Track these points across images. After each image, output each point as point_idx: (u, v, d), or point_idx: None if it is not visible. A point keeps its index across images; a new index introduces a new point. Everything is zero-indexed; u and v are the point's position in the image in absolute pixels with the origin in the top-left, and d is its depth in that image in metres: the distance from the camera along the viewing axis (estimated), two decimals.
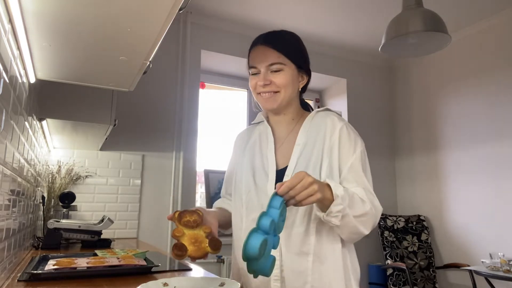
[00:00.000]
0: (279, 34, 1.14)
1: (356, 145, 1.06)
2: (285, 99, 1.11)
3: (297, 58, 1.11)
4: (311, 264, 1.00)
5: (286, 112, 1.16)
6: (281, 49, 1.09)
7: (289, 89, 1.10)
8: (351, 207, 0.93)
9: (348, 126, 1.10)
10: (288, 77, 1.09)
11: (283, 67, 1.08)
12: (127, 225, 2.64)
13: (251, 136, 1.24)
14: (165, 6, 0.80)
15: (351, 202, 0.94)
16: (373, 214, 0.99)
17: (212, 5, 2.93)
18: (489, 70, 3.09)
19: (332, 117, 1.11)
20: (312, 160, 1.06)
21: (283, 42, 1.11)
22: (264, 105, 1.14)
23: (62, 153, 2.52)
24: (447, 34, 1.93)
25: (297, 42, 1.16)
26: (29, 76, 1.23)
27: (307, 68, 1.15)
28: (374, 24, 3.16)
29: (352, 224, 0.95)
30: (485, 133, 3.07)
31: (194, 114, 3.02)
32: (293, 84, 1.11)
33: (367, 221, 0.97)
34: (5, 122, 0.90)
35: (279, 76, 1.08)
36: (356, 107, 3.71)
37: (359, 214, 0.95)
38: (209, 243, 0.82)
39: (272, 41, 1.10)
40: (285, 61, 1.09)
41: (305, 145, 1.09)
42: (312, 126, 1.12)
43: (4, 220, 1.02)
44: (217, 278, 0.98)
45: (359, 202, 0.96)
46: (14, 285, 1.05)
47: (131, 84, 1.35)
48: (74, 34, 0.95)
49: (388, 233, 3.31)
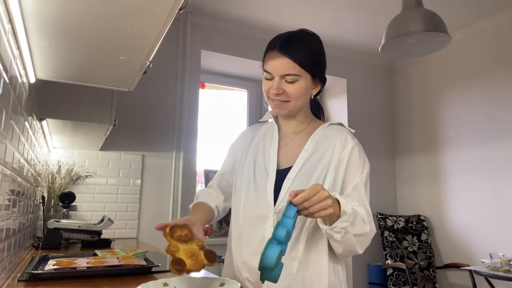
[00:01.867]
0: (297, 40, 1.08)
1: (364, 166, 1.08)
2: (295, 108, 1.11)
3: (313, 68, 1.08)
4: (296, 270, 1.01)
5: (296, 116, 1.17)
6: (298, 60, 1.04)
7: (301, 99, 1.10)
8: (353, 225, 0.94)
9: (359, 147, 1.11)
10: (302, 88, 1.07)
11: (298, 78, 1.05)
12: (127, 225, 2.64)
13: (257, 134, 1.24)
14: (165, 6, 0.80)
15: (354, 220, 0.94)
16: (371, 236, 1.00)
17: (212, 5, 2.93)
18: (489, 70, 3.09)
19: (345, 134, 1.12)
20: (318, 170, 1.06)
21: (300, 52, 1.06)
22: (274, 110, 1.15)
23: (62, 153, 2.52)
24: (447, 34, 1.93)
25: (316, 49, 1.12)
26: (29, 76, 1.23)
27: (322, 76, 1.14)
28: (374, 24, 3.16)
29: (351, 242, 0.95)
30: (485, 133, 3.07)
31: (194, 114, 3.02)
32: (306, 93, 1.10)
33: (364, 241, 0.99)
34: (5, 122, 0.90)
35: (293, 87, 1.06)
36: (356, 107, 3.71)
37: (359, 233, 0.96)
38: (205, 256, 0.84)
39: (289, 50, 1.05)
40: (301, 72, 1.05)
41: (313, 152, 1.10)
42: (323, 137, 1.12)
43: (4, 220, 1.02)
44: (217, 278, 0.98)
45: (361, 222, 0.97)
46: (14, 285, 1.05)
47: (131, 84, 1.35)
48: (74, 34, 0.95)
49: (388, 233, 3.31)
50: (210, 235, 3.03)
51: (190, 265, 0.81)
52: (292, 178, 1.06)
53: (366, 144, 1.14)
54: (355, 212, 0.95)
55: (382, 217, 3.39)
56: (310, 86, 1.10)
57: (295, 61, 1.04)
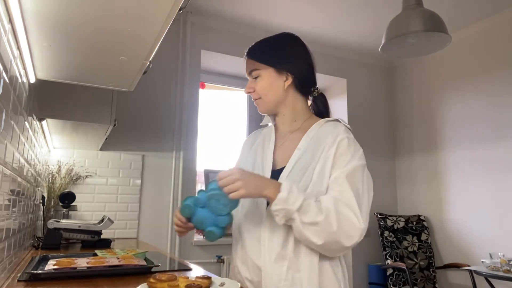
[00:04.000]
0: (260, 41, 1.17)
1: (352, 158, 1.03)
2: (270, 103, 1.14)
3: (273, 60, 1.12)
4: (286, 269, 1.00)
5: (283, 113, 1.16)
6: (255, 56, 1.13)
7: (269, 92, 1.12)
8: (303, 212, 0.93)
9: (350, 140, 1.06)
10: (264, 82, 1.12)
11: (259, 72, 1.12)
12: (127, 225, 2.64)
13: (258, 137, 1.26)
14: (165, 6, 0.80)
15: (303, 207, 0.93)
16: (328, 226, 0.93)
17: (212, 5, 2.93)
18: (489, 70, 3.09)
19: (338, 128, 1.08)
20: (309, 165, 1.05)
21: (258, 49, 1.15)
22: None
23: (62, 153, 2.52)
24: (447, 34, 1.93)
25: (275, 42, 1.16)
26: (29, 76, 1.23)
27: (288, 67, 1.12)
28: (374, 24, 3.16)
29: (299, 229, 0.94)
30: (485, 133, 3.07)
31: (194, 114, 3.02)
32: (274, 86, 1.12)
33: (318, 232, 0.93)
34: (5, 122, 0.90)
35: (258, 83, 1.13)
36: (356, 107, 3.71)
37: (308, 221, 0.93)
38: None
39: (250, 51, 1.15)
40: (260, 66, 1.12)
41: (305, 150, 1.08)
42: (318, 134, 1.10)
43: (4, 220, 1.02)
44: (217, 278, 0.98)
45: (314, 211, 0.93)
46: (14, 285, 1.05)
47: (131, 84, 1.35)
48: (74, 34, 0.95)
49: (388, 233, 3.31)
50: None
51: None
52: (285, 177, 1.06)
53: (366, 144, 1.12)
54: (308, 200, 0.94)
55: (382, 217, 3.39)
56: (276, 79, 1.12)
57: (253, 58, 1.13)
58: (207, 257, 2.89)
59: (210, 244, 2.92)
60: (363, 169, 1.04)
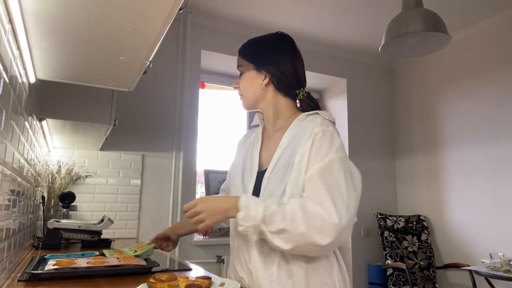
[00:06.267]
0: (250, 40, 1.19)
1: (327, 153, 0.97)
2: (249, 100, 1.15)
3: (254, 57, 1.13)
4: (276, 270, 0.99)
5: (265, 111, 1.16)
6: (242, 53, 1.16)
7: (248, 89, 1.14)
8: (268, 223, 0.91)
9: (327, 133, 1.00)
10: (246, 79, 1.14)
11: (242, 69, 1.15)
12: (127, 225, 2.64)
13: (249, 138, 1.25)
14: (165, 6, 0.80)
15: (267, 218, 0.91)
16: (295, 229, 0.90)
17: (212, 5, 2.93)
18: (489, 70, 3.09)
19: (316, 121, 1.04)
20: (289, 163, 1.02)
21: (246, 47, 1.17)
22: None
23: (62, 153, 2.52)
24: (447, 34, 1.93)
25: (263, 43, 1.16)
26: (29, 76, 1.23)
27: (267, 67, 1.11)
28: (374, 24, 3.16)
29: (270, 240, 0.93)
30: (485, 133, 3.07)
31: (194, 114, 3.02)
32: (252, 84, 1.13)
33: (287, 238, 0.91)
34: (5, 122, 0.90)
35: (241, 80, 1.16)
36: (356, 107, 3.71)
37: (275, 230, 0.91)
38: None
39: (240, 47, 1.18)
40: (243, 62, 1.15)
41: (286, 148, 1.05)
42: (299, 129, 1.07)
43: (4, 220, 1.02)
44: (217, 278, 0.98)
45: (278, 218, 0.91)
46: (14, 285, 1.05)
47: (131, 84, 1.35)
48: (74, 34, 0.95)
49: (388, 233, 3.31)
50: (209, 235, 3.03)
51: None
52: (267, 178, 1.04)
53: (366, 144, 1.11)
54: (269, 211, 0.91)
55: (382, 217, 3.39)
56: (255, 77, 1.13)
57: (240, 54, 1.17)
58: (207, 257, 2.89)
59: (210, 244, 2.92)
60: (341, 162, 0.98)
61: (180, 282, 0.90)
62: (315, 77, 3.61)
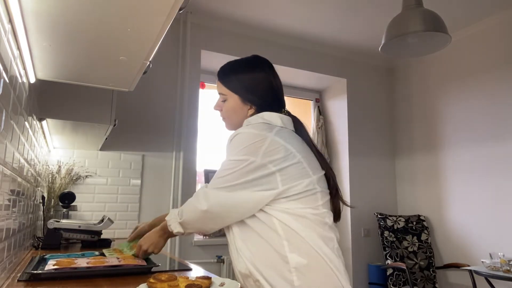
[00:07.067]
0: (230, 65, 1.22)
1: (229, 155, 1.05)
2: (234, 124, 1.19)
3: (238, 89, 1.16)
4: (236, 256, 1.09)
5: None
6: (224, 81, 1.19)
7: (233, 116, 1.18)
8: (182, 225, 1.10)
9: (237, 136, 1.05)
10: (229, 107, 1.18)
11: (226, 97, 1.18)
12: (127, 225, 2.64)
13: None
14: (165, 6, 0.80)
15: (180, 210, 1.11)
16: (182, 212, 1.09)
17: (212, 5, 2.93)
18: (489, 70, 3.09)
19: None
20: None
21: (228, 74, 1.19)
22: None
23: (62, 153, 2.52)
24: (447, 34, 1.93)
25: (245, 72, 1.17)
26: (29, 76, 1.23)
27: (252, 99, 1.15)
28: (374, 24, 3.16)
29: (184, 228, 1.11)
30: (485, 133, 3.07)
31: (194, 114, 3.02)
32: (237, 112, 1.17)
33: (190, 212, 1.08)
34: (5, 122, 0.90)
35: (224, 105, 1.19)
36: (356, 107, 3.71)
37: (187, 219, 1.08)
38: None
39: (220, 73, 1.21)
40: (227, 92, 1.17)
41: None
42: None
43: (4, 220, 1.02)
44: (217, 278, 0.98)
45: (176, 218, 1.11)
46: (14, 285, 1.05)
47: (131, 84, 1.35)
48: (74, 34, 0.95)
49: (388, 233, 3.31)
50: (209, 235, 3.03)
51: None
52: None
53: (366, 144, 1.12)
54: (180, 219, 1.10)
55: (382, 217, 3.39)
56: (240, 107, 1.17)
57: (221, 82, 1.20)
58: (207, 257, 2.89)
59: (210, 244, 2.92)
60: (235, 164, 1.02)
61: (180, 282, 0.90)
62: (315, 77, 3.61)
